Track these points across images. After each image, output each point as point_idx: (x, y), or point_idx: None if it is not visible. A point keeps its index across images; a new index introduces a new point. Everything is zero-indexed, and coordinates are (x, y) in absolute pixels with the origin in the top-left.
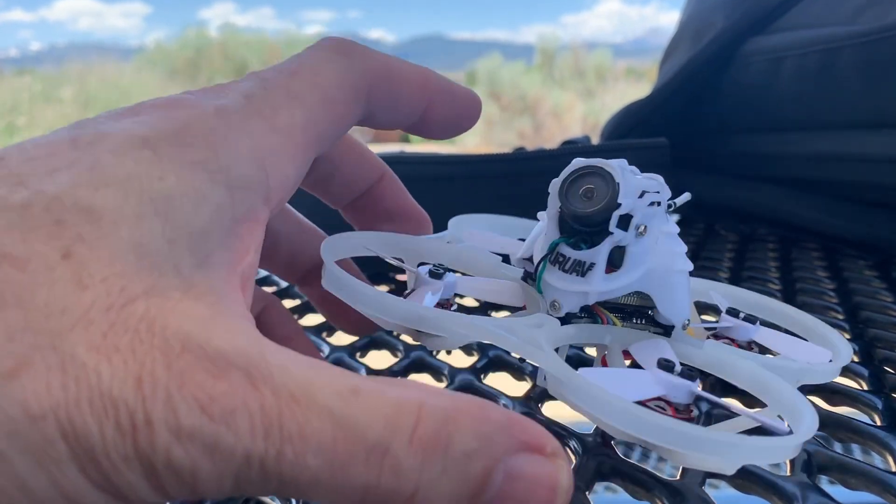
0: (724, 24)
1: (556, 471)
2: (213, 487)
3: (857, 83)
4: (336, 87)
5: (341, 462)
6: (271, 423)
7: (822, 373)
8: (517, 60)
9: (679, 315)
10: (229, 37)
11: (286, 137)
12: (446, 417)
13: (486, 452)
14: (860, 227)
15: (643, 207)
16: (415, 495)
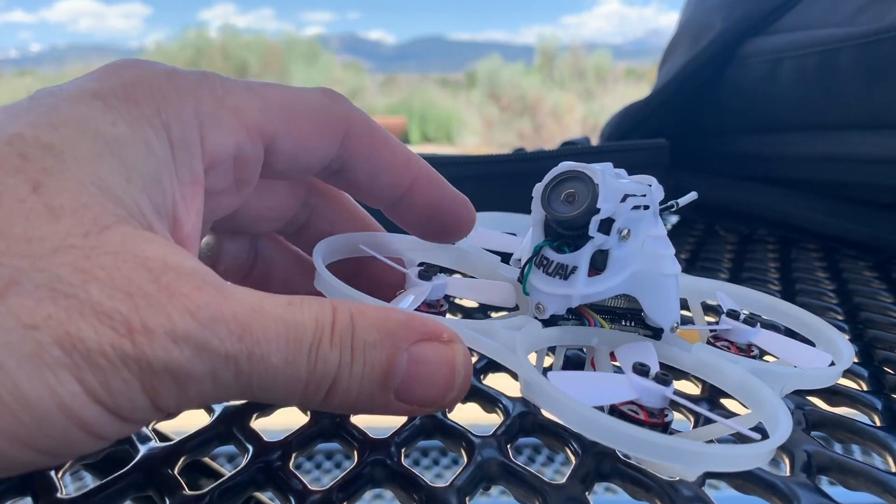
0: (723, 26)
1: (454, 352)
2: (199, 391)
3: (856, 84)
4: (309, 110)
5: (293, 357)
6: (243, 328)
7: (815, 378)
8: (517, 61)
9: (667, 318)
10: (229, 38)
11: (231, 114)
12: (352, 316)
13: (388, 343)
14: (860, 227)
15: (626, 212)
16: (336, 380)
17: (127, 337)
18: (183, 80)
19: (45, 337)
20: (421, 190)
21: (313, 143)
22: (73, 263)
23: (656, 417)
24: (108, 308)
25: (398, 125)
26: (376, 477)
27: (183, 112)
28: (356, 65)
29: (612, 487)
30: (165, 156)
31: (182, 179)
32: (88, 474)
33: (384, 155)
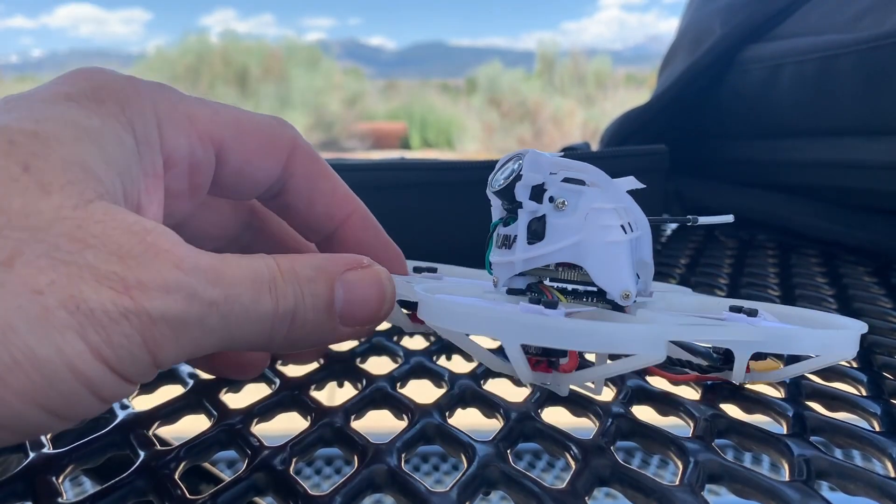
0: (723, 31)
1: (377, 272)
2: (191, 338)
3: (855, 90)
4: (257, 128)
5: (258, 295)
6: (217, 275)
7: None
8: (517, 67)
9: (615, 285)
10: (230, 43)
11: (186, 119)
12: (289, 260)
13: (322, 275)
14: (859, 233)
15: (556, 182)
16: (295, 313)
17: (125, 293)
18: (142, 85)
19: (51, 301)
20: (354, 227)
21: (259, 160)
22: (68, 234)
23: None
24: (104, 270)
25: (398, 131)
26: (376, 482)
27: (144, 112)
28: (357, 70)
29: (611, 493)
30: (132, 149)
31: (146, 172)
32: (88, 480)
33: (324, 185)
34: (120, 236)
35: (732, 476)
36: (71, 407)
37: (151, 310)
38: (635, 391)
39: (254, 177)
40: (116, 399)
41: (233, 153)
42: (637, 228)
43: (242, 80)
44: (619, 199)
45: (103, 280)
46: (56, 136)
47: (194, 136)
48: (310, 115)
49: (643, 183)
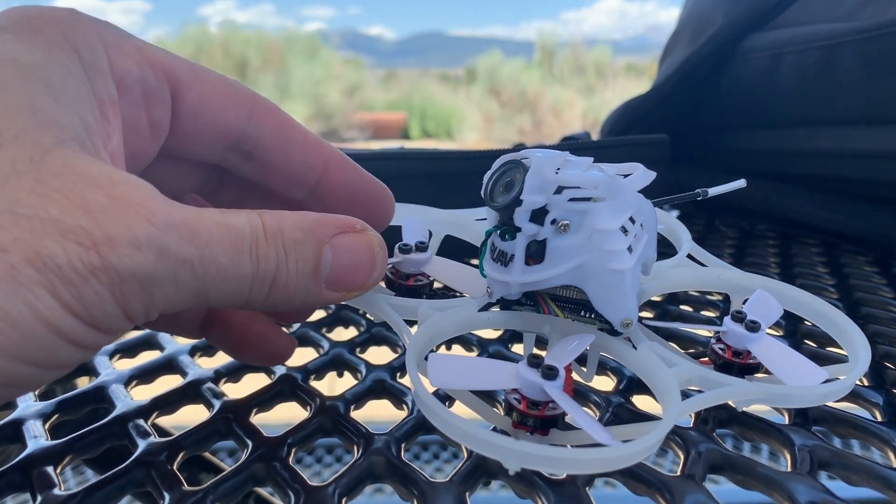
0: (723, 21)
1: (370, 237)
2: (164, 295)
3: (857, 79)
4: (216, 77)
5: (237, 256)
6: (192, 232)
7: (785, 397)
8: (517, 57)
9: (616, 313)
10: (229, 33)
11: (134, 48)
12: (277, 219)
13: (311, 238)
14: (860, 222)
15: (562, 203)
16: (276, 276)
17: (93, 249)
18: (83, 14)
19: (16, 258)
20: (336, 171)
21: (220, 103)
22: (27, 188)
23: (536, 409)
24: (70, 225)
25: (398, 121)
26: (376, 471)
27: (88, 37)
28: (356, 60)
29: (611, 482)
30: (81, 75)
31: (99, 99)
32: (89, 469)
33: (294, 136)
34: (84, 189)
35: (734, 466)
36: (52, 357)
37: (120, 267)
38: (635, 380)
39: (217, 123)
40: (98, 346)
41: (190, 92)
42: (646, 232)
43: (242, 71)
44: (628, 206)
45: (69, 235)
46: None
47: (145, 64)
48: (309, 106)
49: None
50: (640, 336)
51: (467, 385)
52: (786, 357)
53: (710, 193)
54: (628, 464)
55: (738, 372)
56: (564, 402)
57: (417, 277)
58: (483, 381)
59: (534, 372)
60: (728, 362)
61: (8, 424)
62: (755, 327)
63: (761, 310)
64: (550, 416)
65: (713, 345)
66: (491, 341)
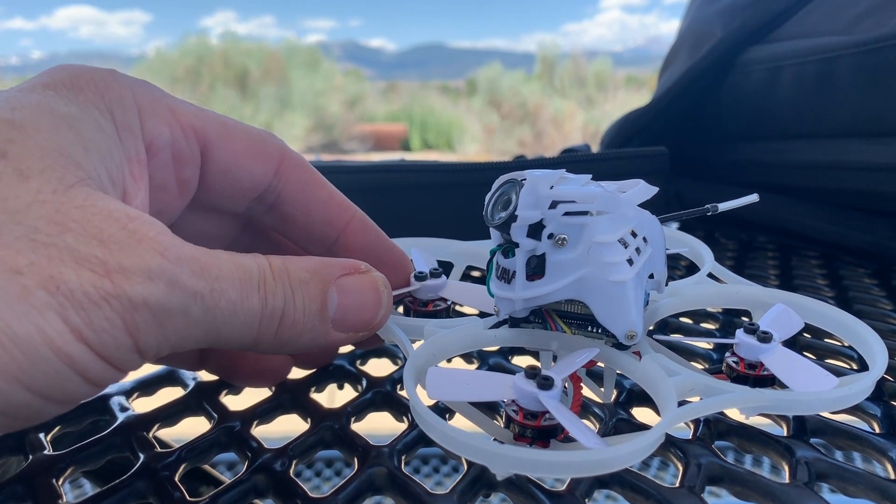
0: (723, 34)
1: (374, 278)
2: (175, 328)
3: (856, 92)
4: (245, 131)
5: (246, 292)
6: (202, 267)
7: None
8: (517, 69)
9: (619, 325)
10: (230, 45)
11: (167, 110)
12: (283, 260)
13: (316, 278)
14: (859, 234)
15: (557, 217)
16: (284, 314)
17: (106, 277)
18: (122, 77)
19: (30, 281)
20: (355, 233)
21: (248, 161)
22: (47, 216)
23: (533, 419)
24: (85, 253)
25: (399, 132)
26: (376, 484)
27: (123, 99)
28: (357, 72)
29: (612, 495)
30: (112, 134)
31: (128, 157)
32: (88, 482)
33: (319, 193)
34: (101, 221)
35: (733, 478)
36: (57, 388)
37: (132, 294)
38: (635, 392)
39: (243, 180)
40: (104, 383)
41: (219, 151)
42: (649, 246)
43: (243, 82)
44: (628, 220)
45: (84, 263)
46: (33, 123)
47: (176, 126)
48: (310, 117)
49: None
50: (647, 349)
51: (465, 397)
52: (797, 366)
53: (721, 209)
54: (618, 467)
55: (753, 384)
56: (557, 412)
57: (436, 303)
58: (481, 392)
59: (530, 383)
60: (742, 375)
61: (10, 435)
62: (767, 338)
63: (779, 323)
64: (547, 427)
65: (727, 358)
66: (491, 353)
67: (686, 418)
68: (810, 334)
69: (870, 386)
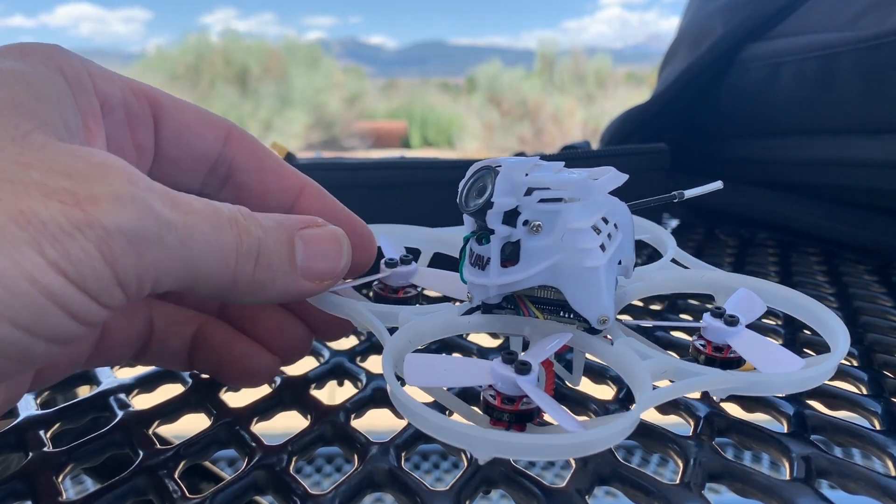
0: (723, 30)
1: (334, 229)
2: (154, 258)
3: (856, 88)
4: (192, 105)
5: (219, 227)
6: (172, 200)
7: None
8: (517, 66)
9: (592, 310)
10: (230, 42)
11: (117, 76)
12: (248, 210)
13: (282, 227)
14: (859, 231)
15: (532, 204)
16: (260, 250)
17: (77, 207)
18: (67, 50)
19: (1, 219)
20: (311, 198)
21: (199, 128)
22: (9, 159)
23: (510, 404)
24: (53, 186)
25: (399, 129)
26: (377, 481)
27: (72, 61)
28: (357, 69)
29: (612, 491)
30: (64, 87)
31: (83, 109)
32: (88, 478)
33: (269, 162)
34: (65, 159)
35: (733, 475)
36: (42, 322)
37: (106, 222)
38: None
39: (196, 147)
40: (90, 319)
41: (170, 117)
42: (620, 231)
43: (243, 79)
44: (600, 207)
45: (52, 195)
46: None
47: (127, 89)
48: (310, 114)
49: (644, 182)
50: (618, 333)
51: (443, 382)
52: (764, 348)
53: (687, 195)
54: (597, 450)
55: (720, 367)
56: (536, 396)
57: (406, 290)
58: (458, 378)
59: (508, 368)
60: (710, 358)
61: (9, 432)
62: (734, 322)
63: (743, 307)
64: (525, 411)
65: (695, 342)
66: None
67: (661, 401)
68: (810, 331)
69: (833, 367)
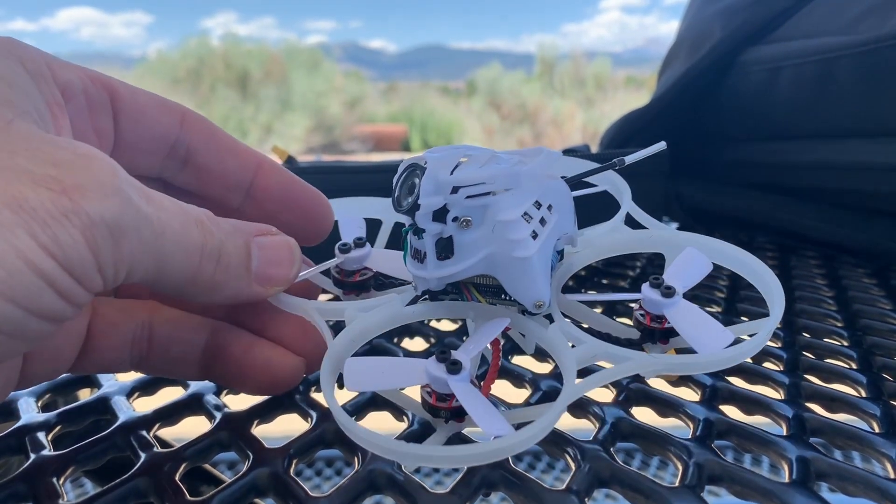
0: (722, 34)
1: (287, 238)
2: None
3: (855, 92)
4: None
5: (187, 225)
6: (147, 195)
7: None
8: (517, 69)
9: (527, 297)
10: (231, 46)
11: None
12: (211, 213)
13: (239, 232)
14: (859, 234)
15: (460, 201)
16: (222, 249)
17: (64, 195)
18: (22, 42)
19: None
20: (268, 174)
21: (155, 111)
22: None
23: (444, 402)
24: (40, 174)
25: (399, 133)
26: (377, 484)
27: (29, 52)
28: (357, 73)
29: (612, 494)
30: (27, 78)
31: (47, 100)
32: (89, 481)
33: (225, 141)
34: (49, 148)
35: (732, 477)
36: (36, 300)
37: (91, 211)
38: (635, 392)
39: (154, 129)
40: (76, 301)
41: (126, 102)
42: (554, 212)
43: (243, 83)
44: (531, 192)
45: (40, 182)
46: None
47: (84, 77)
48: (311, 118)
49: (644, 185)
50: (558, 315)
51: (382, 386)
52: (696, 322)
53: (627, 161)
54: (517, 451)
55: (661, 336)
56: (463, 397)
57: (362, 272)
58: (396, 380)
59: (440, 368)
60: (648, 328)
61: (11, 435)
62: (670, 293)
63: (686, 270)
64: (459, 407)
65: (635, 312)
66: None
67: (587, 389)
68: (810, 334)
69: (760, 343)
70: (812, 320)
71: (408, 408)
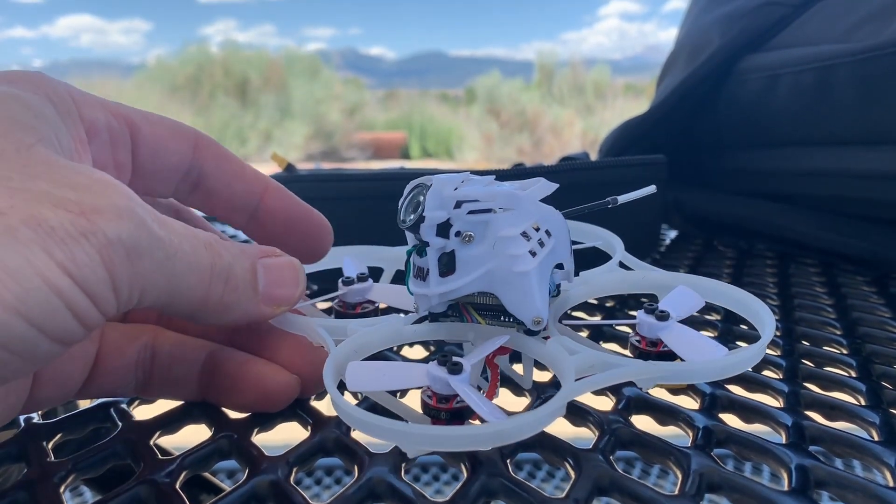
0: (721, 42)
1: (291, 259)
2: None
3: (852, 100)
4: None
5: (198, 248)
6: (160, 219)
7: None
8: (516, 77)
9: (526, 312)
10: (230, 53)
11: (96, 100)
12: (217, 237)
13: (245, 255)
14: (858, 242)
15: (463, 216)
16: (230, 271)
17: (82, 216)
18: (51, 78)
19: (13, 220)
20: (274, 197)
21: (170, 141)
22: (17, 169)
23: (445, 403)
24: (59, 196)
25: (398, 140)
26: (376, 492)
27: (58, 89)
28: (357, 80)
29: (611, 503)
30: (55, 115)
31: (73, 136)
32: (89, 490)
33: (234, 166)
34: (68, 173)
35: (732, 486)
36: (51, 320)
37: (108, 231)
38: (635, 400)
39: (170, 158)
40: (90, 322)
41: (145, 134)
42: (552, 237)
43: (243, 90)
44: (530, 215)
45: (60, 204)
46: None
47: (108, 113)
48: (310, 125)
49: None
50: (555, 333)
51: (383, 386)
52: (692, 340)
53: (620, 201)
54: (519, 438)
55: (656, 360)
56: (464, 392)
57: (363, 305)
58: (397, 381)
59: (442, 369)
60: (644, 352)
61: (11, 443)
62: (664, 316)
63: (678, 303)
64: (459, 408)
65: (631, 338)
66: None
67: (585, 391)
68: (809, 342)
69: (755, 355)
70: (811, 328)
71: (406, 416)
